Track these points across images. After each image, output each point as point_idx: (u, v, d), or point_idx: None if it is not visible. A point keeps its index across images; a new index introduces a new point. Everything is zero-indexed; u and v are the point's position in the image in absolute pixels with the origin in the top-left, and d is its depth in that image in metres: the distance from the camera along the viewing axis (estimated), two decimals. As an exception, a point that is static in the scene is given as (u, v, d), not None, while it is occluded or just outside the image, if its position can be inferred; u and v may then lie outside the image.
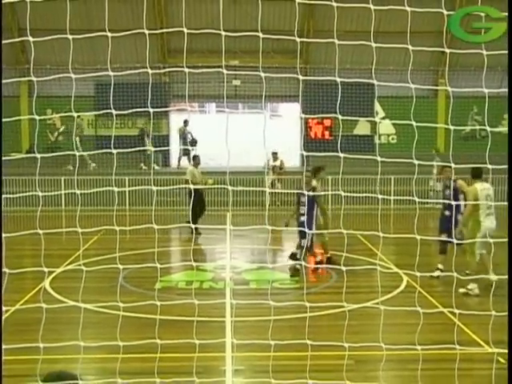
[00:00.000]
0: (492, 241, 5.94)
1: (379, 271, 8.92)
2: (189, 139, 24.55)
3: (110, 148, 5.54)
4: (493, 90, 5.82)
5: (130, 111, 6.16)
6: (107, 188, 5.96)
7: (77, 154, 5.39)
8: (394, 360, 6.67)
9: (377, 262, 9.42)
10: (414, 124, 5.51)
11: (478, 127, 25.80)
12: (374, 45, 5.25)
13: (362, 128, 26.12)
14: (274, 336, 5.50)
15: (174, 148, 25.43)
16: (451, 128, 5.86)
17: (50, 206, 18.68)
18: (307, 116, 25.17)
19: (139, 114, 24.19)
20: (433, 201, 12.12)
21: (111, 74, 5.34)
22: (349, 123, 24.27)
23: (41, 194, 5.17)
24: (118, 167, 5.53)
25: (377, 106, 26.17)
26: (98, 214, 16.82)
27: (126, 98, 22.27)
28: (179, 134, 24.99)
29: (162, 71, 23.88)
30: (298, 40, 5.34)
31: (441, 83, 25.73)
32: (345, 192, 5.88)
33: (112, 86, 6.58)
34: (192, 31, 5.05)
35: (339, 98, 5.66)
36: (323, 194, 10.88)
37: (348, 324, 5.91)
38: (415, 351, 5.50)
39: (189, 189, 16.28)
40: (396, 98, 23.97)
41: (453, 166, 6.26)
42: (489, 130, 6.07)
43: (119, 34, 5.23)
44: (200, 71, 8.42)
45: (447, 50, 5.72)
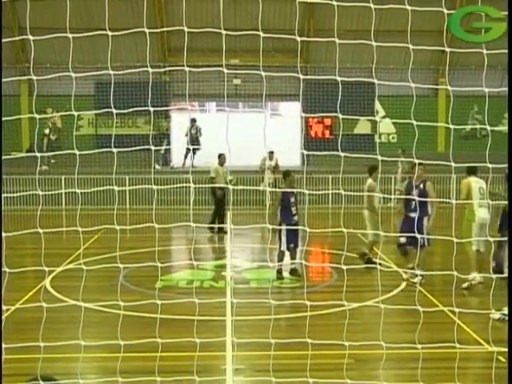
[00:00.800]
0: (492, 240, 5.95)
1: (379, 270, 8.94)
2: (191, 137, 24.44)
3: (110, 147, 5.55)
4: (493, 89, 5.82)
5: (130, 110, 6.15)
6: (107, 187, 5.96)
7: (77, 153, 5.37)
8: (395, 359, 6.66)
9: (377, 260, 9.44)
10: (415, 123, 5.51)
11: (478, 126, 25.79)
12: (374, 44, 5.26)
13: (362, 127, 26.11)
14: (274, 335, 5.50)
15: (178, 147, 25.30)
16: (451, 127, 5.86)
17: (51, 205, 18.66)
18: (308, 115, 25.17)
19: (139, 113, 24.18)
20: (433, 200, 12.03)
21: (111, 72, 5.34)
22: (349, 122, 24.25)
23: (41, 193, 5.17)
24: (118, 166, 5.52)
25: (377, 105, 26.16)
26: (99, 213, 16.82)
27: (126, 97, 22.24)
28: (185, 133, 24.85)
29: (163, 70, 23.87)
30: (298, 39, 5.34)
31: (441, 82, 25.73)
32: (345, 191, 5.89)
33: (112, 85, 6.61)
34: (192, 30, 5.05)
35: (339, 97, 5.65)
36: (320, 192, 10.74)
37: (348, 323, 5.92)
38: (415, 350, 5.51)
39: (212, 187, 16.20)
40: (396, 97, 23.97)
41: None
42: (489, 129, 6.07)
43: (119, 33, 5.22)
44: (200, 70, 8.38)
45: (447, 49, 5.73)
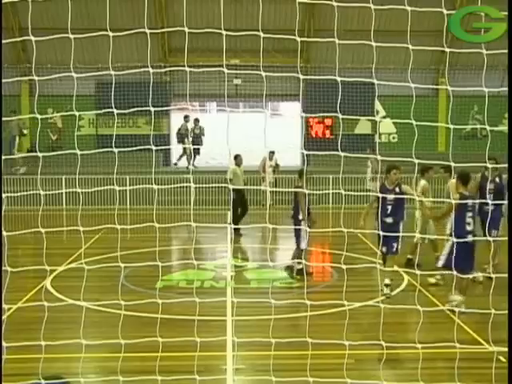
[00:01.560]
0: (492, 239, 5.96)
1: (379, 270, 8.94)
2: (195, 136, 24.42)
3: (110, 147, 5.56)
4: (493, 89, 5.83)
5: (130, 110, 6.17)
6: (108, 187, 5.97)
7: (78, 153, 5.39)
8: (395, 359, 6.68)
9: (377, 260, 9.43)
10: (415, 123, 5.52)
11: (478, 126, 25.77)
12: (374, 44, 5.26)
13: (362, 127, 26.10)
14: (274, 335, 5.51)
15: (178, 147, 25.21)
16: (452, 127, 5.87)
17: (52, 205, 18.67)
18: (308, 115, 25.16)
19: (140, 114, 24.17)
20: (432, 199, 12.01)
21: (112, 73, 5.36)
22: (349, 122, 24.24)
23: (42, 193, 5.19)
24: (119, 166, 5.54)
25: (377, 105, 26.14)
26: (99, 213, 16.83)
27: (126, 97, 22.24)
28: (188, 133, 24.80)
29: (163, 70, 23.85)
30: (298, 39, 5.35)
31: (441, 82, 25.71)
32: (345, 191, 5.89)
33: (113, 85, 6.59)
34: (193, 30, 5.06)
35: (340, 97, 5.67)
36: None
37: (348, 323, 5.93)
38: (415, 350, 5.52)
39: (232, 189, 16.11)
40: (397, 97, 23.94)
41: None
42: (489, 129, 6.07)
43: (120, 34, 5.24)
44: (201, 70, 8.42)
45: (448, 50, 5.73)
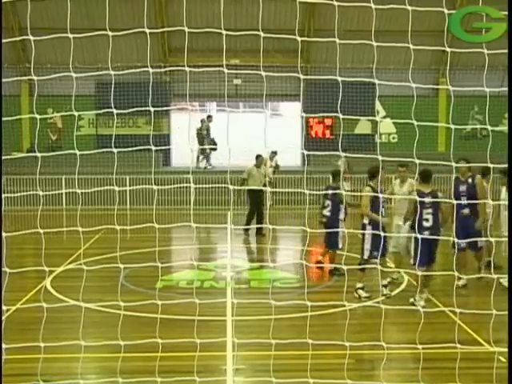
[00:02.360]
0: (493, 239, 5.95)
1: (380, 270, 8.93)
2: (206, 139, 24.28)
3: (110, 147, 5.55)
4: (494, 89, 5.83)
5: (130, 110, 6.16)
6: (108, 187, 5.96)
7: (77, 153, 5.38)
8: (395, 359, 6.66)
9: (377, 261, 9.42)
10: (415, 123, 5.52)
11: (478, 126, 25.76)
12: (374, 44, 5.26)
13: (362, 127, 26.10)
14: (274, 335, 5.50)
15: (193, 148, 24.94)
16: (452, 127, 5.86)
17: (51, 205, 18.67)
18: (308, 115, 25.15)
19: (140, 114, 24.17)
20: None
21: (112, 73, 5.35)
22: (350, 122, 24.24)
23: (41, 193, 5.18)
24: (118, 166, 5.53)
25: (378, 105, 26.13)
26: (99, 213, 16.82)
27: (126, 97, 22.24)
28: (197, 133, 24.77)
29: (163, 70, 23.81)
30: (298, 39, 5.34)
31: (442, 82, 25.71)
32: (345, 191, 5.89)
33: (113, 85, 6.61)
34: (193, 30, 5.06)
35: (340, 97, 5.67)
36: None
37: (349, 323, 5.92)
38: (416, 350, 5.51)
39: (248, 189, 16.01)
40: (397, 97, 23.92)
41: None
42: (489, 129, 6.07)
43: (120, 33, 5.23)
44: (201, 70, 8.40)
45: (448, 49, 5.73)
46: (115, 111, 5.51)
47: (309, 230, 5.53)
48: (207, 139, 24.22)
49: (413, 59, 5.69)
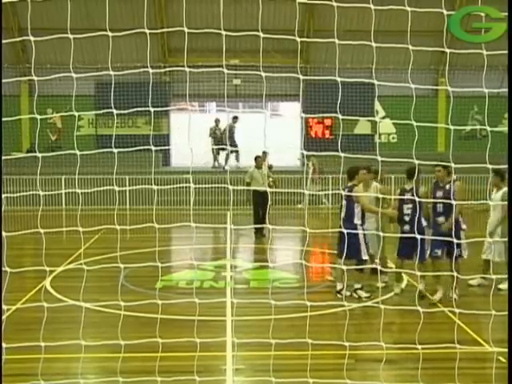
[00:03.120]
0: (492, 240, 5.95)
1: (379, 270, 8.93)
2: (216, 137, 24.20)
3: (110, 147, 5.56)
4: (493, 90, 5.85)
5: (130, 110, 6.17)
6: (108, 187, 5.96)
7: (77, 153, 5.38)
8: (395, 359, 6.67)
9: (377, 261, 9.43)
10: (415, 123, 5.52)
11: (478, 127, 25.77)
12: (374, 44, 5.26)
13: (362, 127, 26.12)
14: (274, 335, 5.50)
15: (209, 148, 24.84)
16: (451, 127, 5.87)
17: (51, 206, 18.68)
18: (308, 115, 25.15)
19: (140, 114, 24.16)
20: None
21: (112, 73, 5.36)
22: (349, 122, 24.28)
23: (41, 194, 5.19)
24: (118, 166, 5.54)
25: (377, 106, 26.15)
26: (99, 213, 16.81)
27: (126, 98, 22.25)
28: (210, 133, 24.65)
29: (163, 70, 23.87)
30: (298, 39, 5.35)
31: (441, 83, 25.72)
32: (345, 191, 5.89)
33: (112, 86, 6.61)
34: (192, 30, 5.06)
35: (339, 97, 5.67)
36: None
37: (348, 323, 5.93)
38: (415, 350, 5.51)
39: (252, 191, 15.93)
40: (396, 98, 23.96)
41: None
42: (489, 129, 6.07)
43: (120, 34, 5.24)
44: (200, 70, 8.42)
45: (447, 50, 5.73)
46: (115, 111, 5.52)
47: (308, 230, 5.53)
48: (230, 140, 23.92)
49: (412, 59, 5.69)
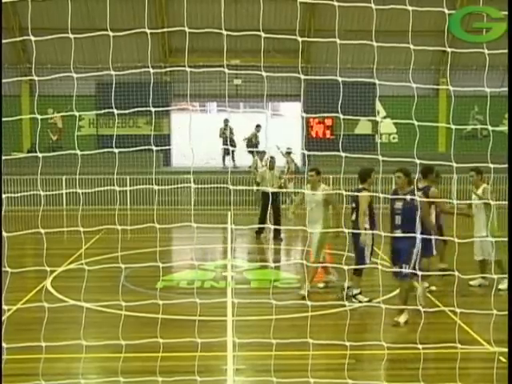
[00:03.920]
0: (494, 240, 5.95)
1: (380, 270, 8.92)
2: (227, 138, 24.10)
3: (111, 147, 5.55)
4: (494, 90, 5.83)
5: (131, 110, 6.17)
6: (109, 187, 5.96)
7: (78, 153, 5.38)
8: (396, 359, 6.66)
9: (378, 261, 9.41)
10: (416, 123, 5.51)
11: (479, 126, 25.73)
12: (375, 44, 5.26)
13: (363, 127, 26.09)
14: (275, 335, 5.50)
15: (220, 147, 24.77)
16: (452, 127, 5.87)
17: (52, 206, 18.68)
18: (308, 115, 25.14)
19: (140, 114, 24.16)
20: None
21: (112, 73, 5.35)
22: (350, 122, 24.25)
23: (42, 194, 5.18)
24: (119, 166, 5.54)
25: (378, 106, 26.14)
26: (100, 213, 16.82)
27: (127, 98, 22.25)
28: (220, 134, 24.56)
29: (163, 70, 23.86)
30: (299, 39, 5.34)
31: (442, 82, 25.69)
32: (346, 191, 5.89)
33: (113, 86, 6.59)
34: (193, 30, 5.06)
35: (340, 97, 5.66)
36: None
37: (349, 323, 5.92)
38: (416, 350, 5.51)
39: (261, 192, 15.91)
40: (397, 98, 23.92)
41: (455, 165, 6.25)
42: (490, 129, 6.06)
43: (120, 34, 5.24)
44: (201, 70, 8.42)
45: (448, 50, 5.72)
46: (116, 111, 5.51)
47: (309, 231, 5.52)
48: (254, 147, 23.72)
49: (413, 59, 5.69)
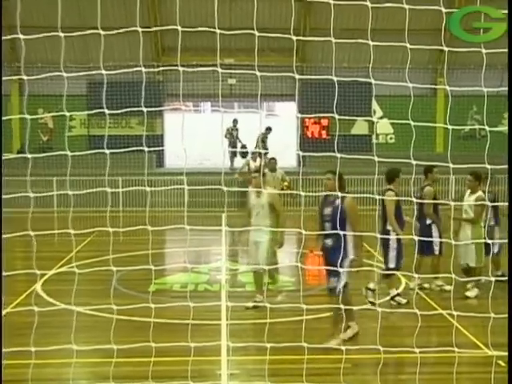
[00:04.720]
0: (491, 242, 5.88)
1: (376, 273, 8.86)
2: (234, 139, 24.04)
3: (102, 148, 5.46)
4: (492, 89, 5.76)
5: (123, 110, 6.08)
6: (100, 189, 5.86)
7: (69, 154, 5.28)
8: (392, 363, 6.60)
9: (374, 263, 9.34)
10: (413, 123, 5.45)
11: (477, 127, 25.71)
12: (371, 43, 5.20)
13: (359, 127, 26.02)
14: (270, 339, 5.43)
15: (227, 149, 24.49)
16: (450, 127, 5.80)
17: (42, 207, 18.50)
18: (304, 115, 25.07)
19: (133, 114, 24.03)
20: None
21: (104, 72, 5.25)
22: (346, 123, 24.16)
23: (32, 195, 5.10)
24: (111, 167, 5.45)
25: (374, 105, 26.06)
26: (91, 215, 16.70)
27: (119, 97, 22.11)
28: (225, 134, 24.28)
29: (156, 70, 23.72)
30: (294, 38, 5.27)
31: (439, 82, 25.63)
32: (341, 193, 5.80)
33: (105, 85, 6.47)
34: (186, 29, 4.98)
35: (336, 96, 5.59)
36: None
37: (345, 327, 5.84)
38: (413, 354, 5.44)
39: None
40: (394, 97, 23.83)
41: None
42: (488, 129, 6.00)
43: (112, 32, 5.15)
44: (194, 70, 8.32)
45: (446, 49, 5.67)
46: (107, 111, 5.42)
47: (304, 233, 5.43)
48: (263, 149, 23.59)
49: (410, 58, 5.60)
